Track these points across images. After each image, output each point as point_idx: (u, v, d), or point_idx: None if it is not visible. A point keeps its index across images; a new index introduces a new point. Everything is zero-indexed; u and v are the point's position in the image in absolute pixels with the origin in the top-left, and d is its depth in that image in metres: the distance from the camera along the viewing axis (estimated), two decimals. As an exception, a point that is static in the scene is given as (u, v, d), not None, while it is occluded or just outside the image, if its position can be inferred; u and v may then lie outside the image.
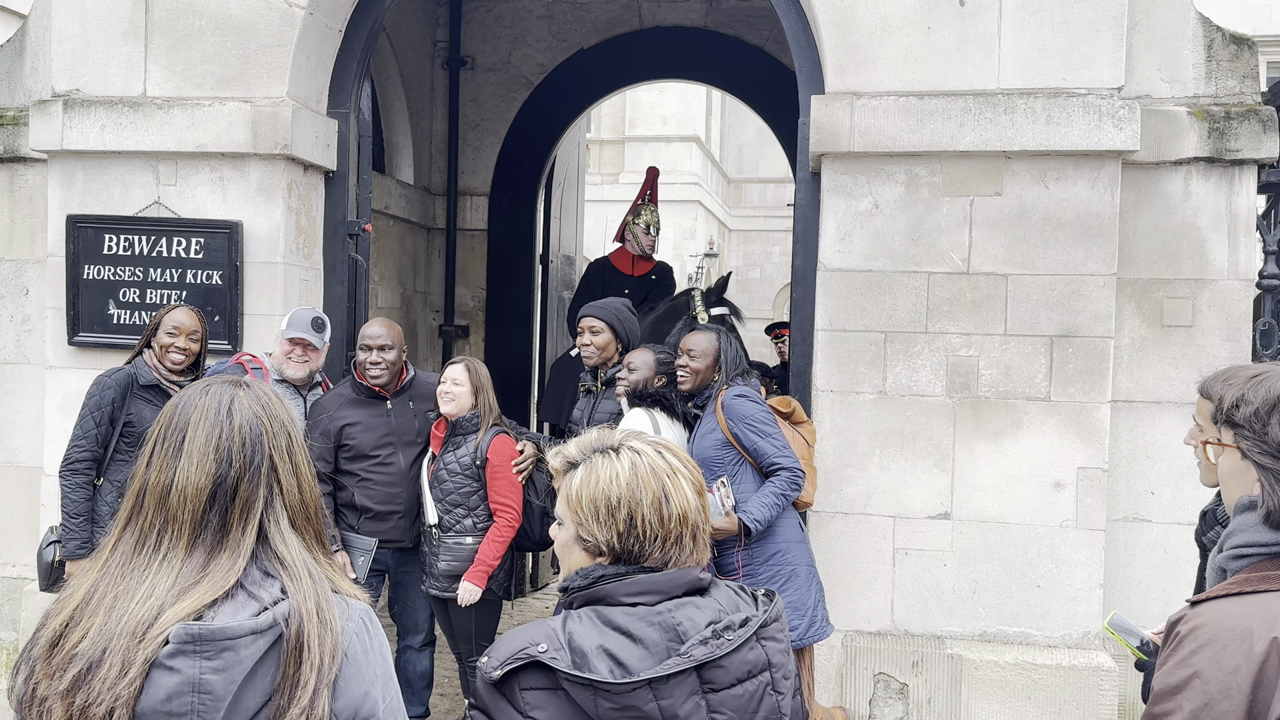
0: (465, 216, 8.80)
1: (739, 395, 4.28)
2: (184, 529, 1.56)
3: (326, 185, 5.55)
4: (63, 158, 5.33)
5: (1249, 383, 1.84)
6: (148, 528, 1.57)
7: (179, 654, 1.46)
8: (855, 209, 4.79)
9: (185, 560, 1.54)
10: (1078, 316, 4.64)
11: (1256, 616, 1.63)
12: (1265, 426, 1.78)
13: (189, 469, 1.57)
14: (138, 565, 1.54)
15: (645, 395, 4.46)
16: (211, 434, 1.59)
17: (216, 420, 1.60)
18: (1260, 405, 1.79)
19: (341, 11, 5.42)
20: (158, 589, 1.51)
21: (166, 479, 1.58)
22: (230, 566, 1.54)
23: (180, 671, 1.45)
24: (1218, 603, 1.69)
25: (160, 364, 4.44)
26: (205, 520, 1.56)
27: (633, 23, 8.74)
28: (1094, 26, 4.60)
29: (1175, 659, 1.65)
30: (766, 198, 33.31)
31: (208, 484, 1.57)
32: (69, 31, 5.30)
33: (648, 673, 1.62)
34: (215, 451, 1.58)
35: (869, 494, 4.78)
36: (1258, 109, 4.75)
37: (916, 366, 4.74)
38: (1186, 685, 1.63)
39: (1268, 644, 1.60)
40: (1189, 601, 1.75)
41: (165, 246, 5.22)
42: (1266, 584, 1.68)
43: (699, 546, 1.80)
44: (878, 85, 4.75)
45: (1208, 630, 1.65)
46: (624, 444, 1.83)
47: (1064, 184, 4.65)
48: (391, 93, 8.27)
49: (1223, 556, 1.81)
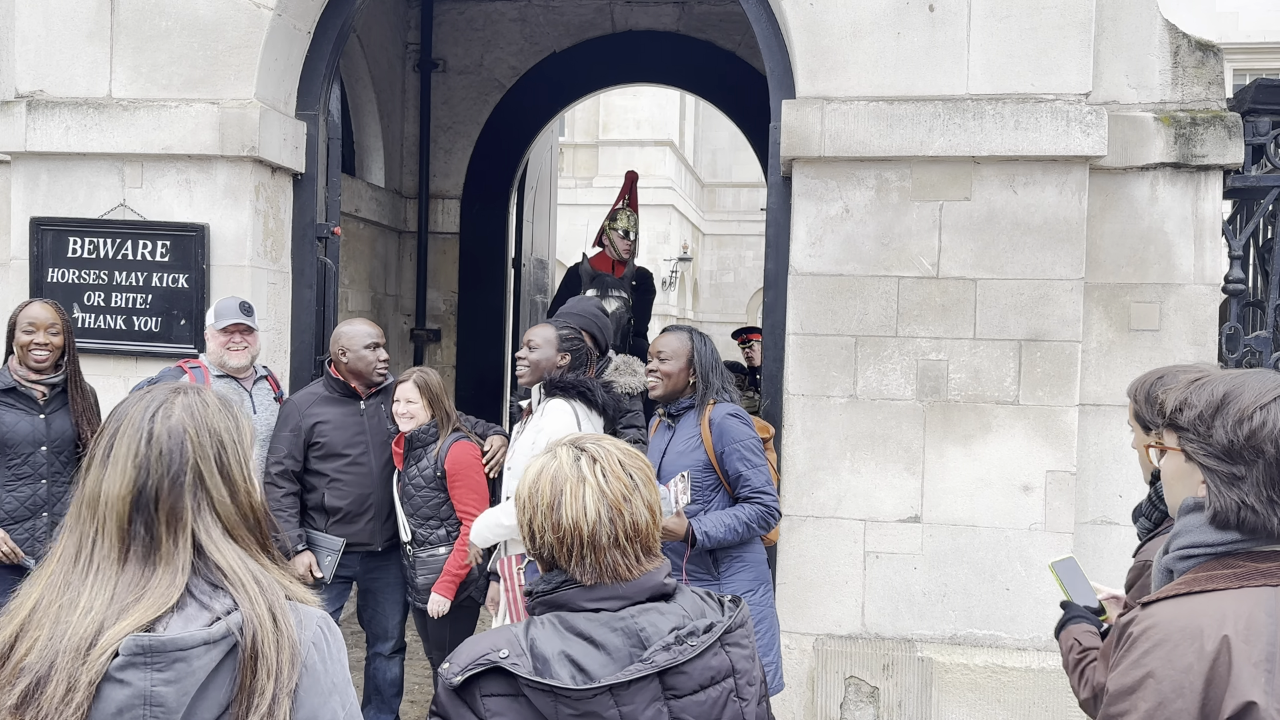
0: (437, 220, 8.77)
1: (733, 415, 3.89)
2: (113, 538, 1.53)
3: (295, 188, 5.51)
4: (26, 159, 5.26)
5: (1190, 386, 1.86)
6: (83, 537, 1.55)
7: (129, 666, 1.42)
8: (826, 213, 4.80)
9: (119, 572, 1.51)
10: (1046, 321, 4.66)
11: (1206, 616, 1.66)
12: (1209, 429, 1.80)
13: (113, 477, 1.55)
14: (76, 575, 1.52)
15: (564, 385, 4.13)
16: (133, 442, 1.57)
17: (139, 428, 1.57)
18: (1203, 409, 1.81)
19: (310, 13, 5.38)
20: (96, 603, 1.48)
21: (95, 488, 1.56)
22: (170, 582, 1.50)
23: (131, 684, 1.42)
24: (1168, 603, 1.71)
25: (22, 365, 4.20)
26: (132, 530, 1.53)
27: (605, 26, 8.74)
28: (1062, 33, 4.64)
29: (1129, 660, 1.68)
30: (740, 202, 33.39)
31: (129, 492, 1.54)
32: (33, 32, 5.23)
33: (609, 679, 1.60)
34: (134, 459, 1.55)
35: (840, 497, 4.79)
36: (1223, 115, 4.80)
37: (887, 370, 4.75)
38: (1141, 685, 1.65)
39: (1218, 642, 1.63)
40: (1140, 603, 1.77)
41: (131, 249, 5.16)
42: (1214, 583, 1.71)
43: (630, 559, 1.73)
44: (848, 90, 4.76)
45: (1159, 630, 1.68)
46: (567, 444, 1.81)
47: (1032, 189, 4.68)
48: (362, 95, 8.23)
49: (1169, 558, 1.83)
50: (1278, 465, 1.72)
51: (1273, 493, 1.73)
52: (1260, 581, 1.70)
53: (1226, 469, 1.77)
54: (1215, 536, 1.77)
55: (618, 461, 1.76)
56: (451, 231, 8.76)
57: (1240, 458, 1.75)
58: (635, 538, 1.74)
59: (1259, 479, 1.73)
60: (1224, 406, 1.79)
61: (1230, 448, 1.76)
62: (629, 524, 1.73)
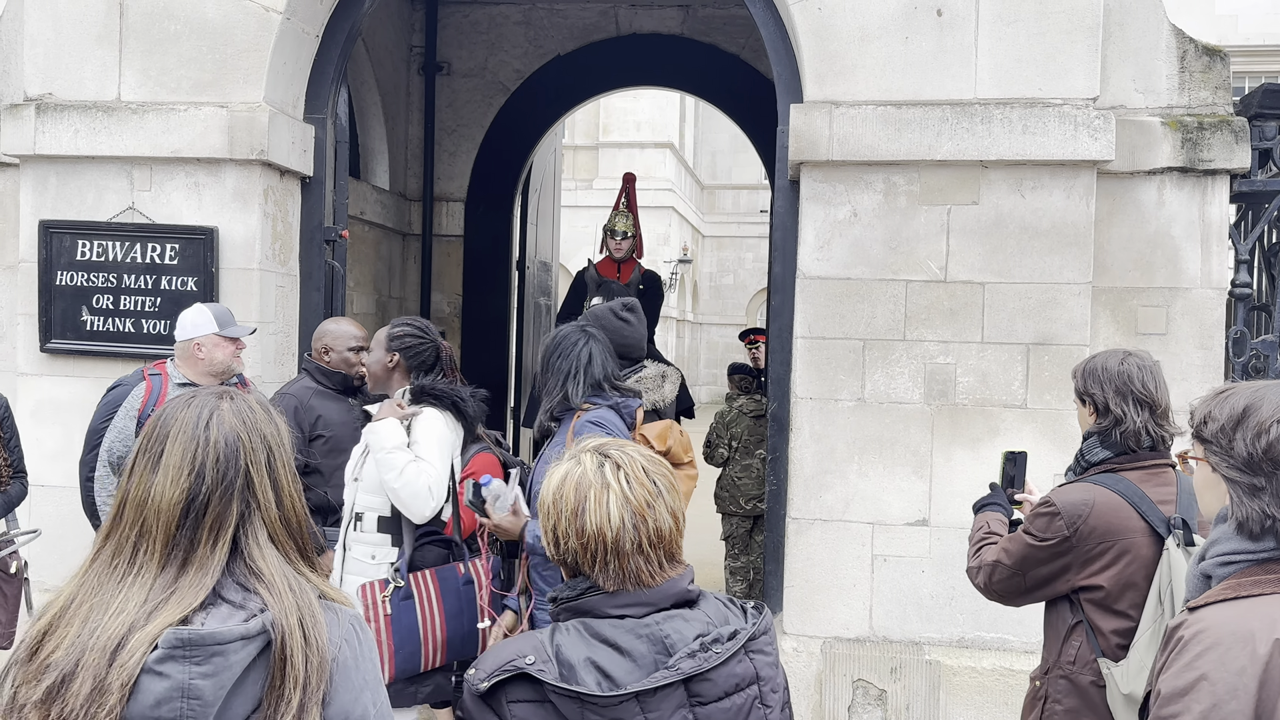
0: (441, 222, 8.78)
1: (594, 422, 3.51)
2: (157, 544, 1.55)
3: (303, 191, 5.52)
4: (35, 162, 5.27)
5: (1215, 399, 1.94)
6: (124, 540, 1.57)
7: (168, 659, 1.45)
8: (834, 217, 4.81)
9: (159, 576, 1.53)
10: (1054, 325, 4.67)
11: (1256, 619, 1.71)
12: (1231, 442, 1.86)
13: (164, 484, 1.56)
14: (114, 578, 1.54)
15: (433, 392, 3.80)
16: (188, 449, 1.58)
17: (194, 435, 1.59)
18: (1225, 422, 1.88)
19: (318, 17, 5.39)
20: (129, 605, 1.50)
21: (143, 492, 1.57)
22: (198, 584, 1.53)
23: (170, 677, 1.45)
24: (1216, 608, 1.76)
25: None
26: (178, 536, 1.55)
27: (609, 30, 8.75)
28: (1070, 38, 4.65)
29: (1181, 662, 1.72)
30: (740, 204, 33.43)
31: (181, 499, 1.55)
32: (42, 35, 5.24)
33: (635, 686, 1.61)
34: (190, 466, 1.57)
35: (848, 501, 4.80)
36: (1230, 120, 4.81)
37: (895, 374, 4.76)
38: (1194, 687, 1.69)
39: (1270, 645, 1.67)
40: (1188, 608, 1.82)
41: (139, 252, 5.17)
42: (1259, 588, 1.77)
43: (653, 565, 1.74)
44: (856, 94, 4.77)
45: (1211, 634, 1.72)
46: (591, 450, 1.82)
47: (1040, 193, 4.69)
48: (367, 98, 8.24)
49: (1208, 563, 1.89)
50: None
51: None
52: None
53: (1247, 480, 1.83)
54: (1252, 545, 1.82)
55: (641, 468, 1.77)
56: (456, 234, 8.78)
57: (1260, 469, 1.81)
58: (659, 544, 1.74)
59: (1278, 490, 1.79)
60: (1244, 419, 1.86)
61: (1250, 460, 1.82)
62: (652, 530, 1.74)
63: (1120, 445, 2.90)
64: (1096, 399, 2.93)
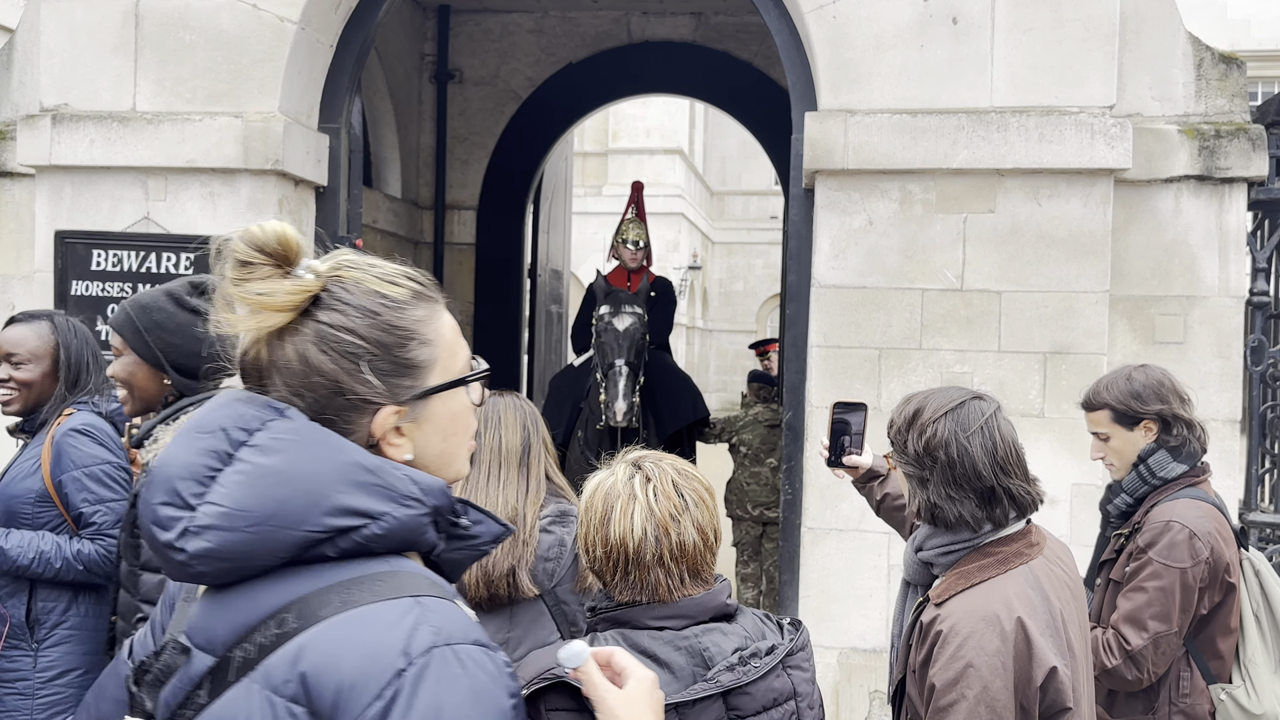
0: (453, 231, 8.79)
1: (79, 430, 2.99)
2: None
3: (318, 201, 5.52)
4: (51, 172, 5.28)
5: (899, 405, 2.25)
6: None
7: (554, 523, 2.65)
8: (849, 225, 4.80)
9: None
10: (1071, 333, 4.65)
11: (996, 603, 1.94)
12: (905, 441, 2.15)
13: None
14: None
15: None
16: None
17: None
18: (901, 424, 2.17)
19: (333, 26, 5.40)
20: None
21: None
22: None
23: (553, 533, 2.63)
24: (960, 599, 1.99)
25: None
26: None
27: (621, 37, 8.76)
28: (1086, 45, 4.63)
29: (946, 654, 1.92)
30: (749, 210, 33.40)
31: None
32: (57, 45, 5.26)
33: (674, 697, 1.61)
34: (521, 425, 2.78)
35: (864, 510, 4.77)
36: (1247, 127, 4.79)
37: (911, 383, 4.74)
38: (964, 675, 1.89)
39: (1014, 624, 1.90)
40: (934, 602, 2.03)
41: (155, 262, 5.18)
42: (985, 573, 2.01)
43: (674, 579, 1.73)
44: (871, 103, 4.76)
45: (965, 624, 1.93)
46: (626, 461, 1.83)
47: (1057, 201, 4.67)
48: (379, 106, 8.26)
49: (929, 554, 2.13)
50: (948, 468, 2.05)
51: (950, 490, 2.05)
52: (1018, 562, 2.01)
53: (918, 474, 2.10)
54: (954, 536, 2.08)
55: (670, 481, 1.77)
56: (468, 242, 8.78)
57: (923, 464, 2.08)
58: (680, 558, 1.74)
59: (939, 480, 2.06)
60: (914, 420, 2.13)
61: (918, 456, 2.09)
62: (675, 544, 1.74)
63: (1197, 454, 2.83)
64: (1165, 413, 2.82)
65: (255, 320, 1.21)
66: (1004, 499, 2.07)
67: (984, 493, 2.05)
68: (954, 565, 2.06)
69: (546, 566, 2.59)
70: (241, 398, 1.22)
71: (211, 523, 1.12)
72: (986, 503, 2.06)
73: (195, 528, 1.12)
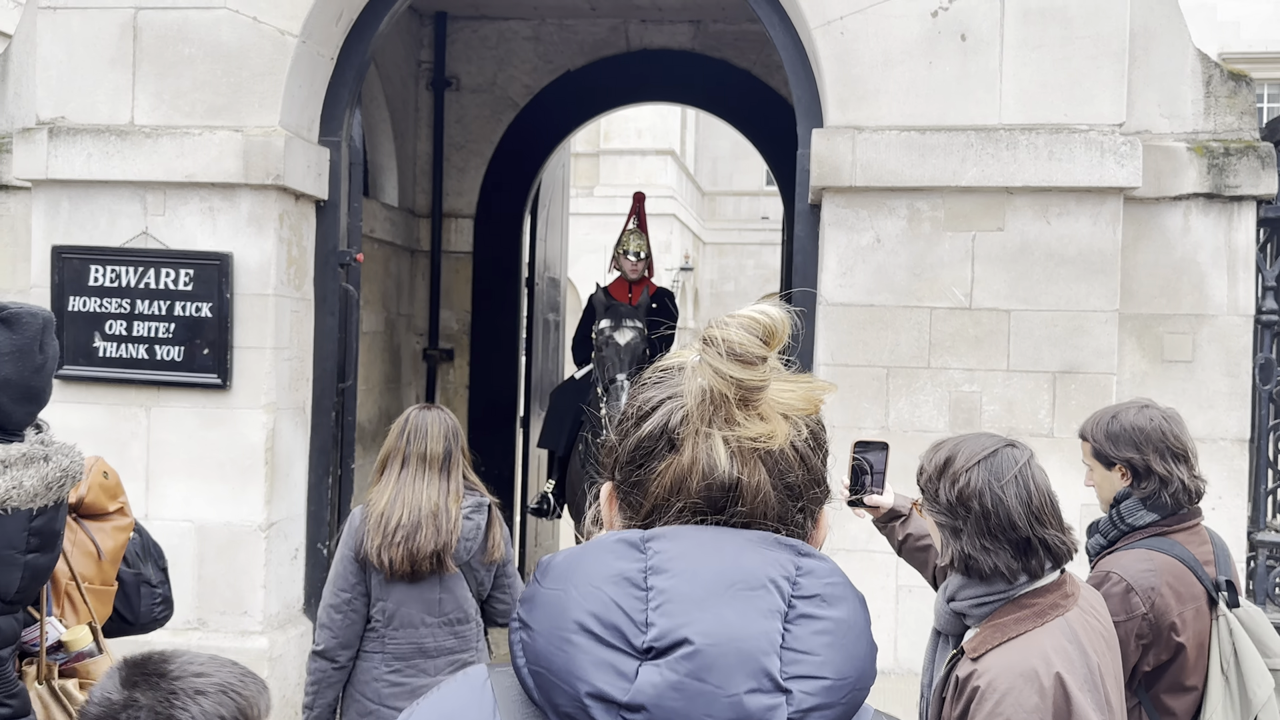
0: (450, 239, 8.71)
1: None
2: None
3: (318, 214, 5.46)
4: (48, 187, 5.21)
5: (929, 451, 2.30)
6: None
7: (475, 512, 3.46)
8: (857, 243, 4.76)
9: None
10: (1080, 353, 4.62)
11: (1034, 658, 1.91)
12: (936, 490, 2.14)
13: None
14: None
15: None
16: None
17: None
18: (932, 472, 2.19)
19: (333, 39, 5.34)
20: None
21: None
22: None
23: (472, 520, 3.44)
24: (996, 653, 1.96)
25: None
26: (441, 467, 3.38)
27: (619, 45, 8.70)
28: (1095, 63, 4.60)
29: (984, 711, 1.90)
30: (740, 211, 33.35)
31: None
32: (55, 58, 5.18)
33: None
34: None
35: (872, 531, 4.72)
36: (1256, 145, 4.77)
37: (919, 402, 4.71)
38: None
39: (1053, 679, 1.87)
40: (970, 657, 2.00)
41: (153, 278, 5.11)
42: (1021, 626, 1.98)
43: None
44: (879, 120, 4.72)
45: (1002, 680, 1.90)
46: None
47: (1066, 220, 4.64)
48: (376, 114, 8.18)
49: (962, 604, 2.09)
50: (983, 519, 2.02)
51: (984, 541, 2.02)
52: (1055, 614, 1.98)
53: (951, 523, 2.08)
54: (988, 587, 2.05)
55: None
56: (465, 250, 8.71)
57: (956, 513, 2.06)
58: None
59: (972, 531, 2.04)
60: (945, 469, 2.11)
61: (950, 506, 2.08)
62: None
63: (1169, 507, 2.70)
64: (1135, 462, 2.71)
65: (787, 426, 1.02)
66: (1039, 550, 2.04)
67: (1019, 544, 2.02)
68: (988, 617, 2.03)
69: (466, 545, 3.44)
70: (753, 538, 1.00)
71: (819, 702, 0.92)
72: (1022, 554, 2.03)
73: (797, 713, 0.91)
